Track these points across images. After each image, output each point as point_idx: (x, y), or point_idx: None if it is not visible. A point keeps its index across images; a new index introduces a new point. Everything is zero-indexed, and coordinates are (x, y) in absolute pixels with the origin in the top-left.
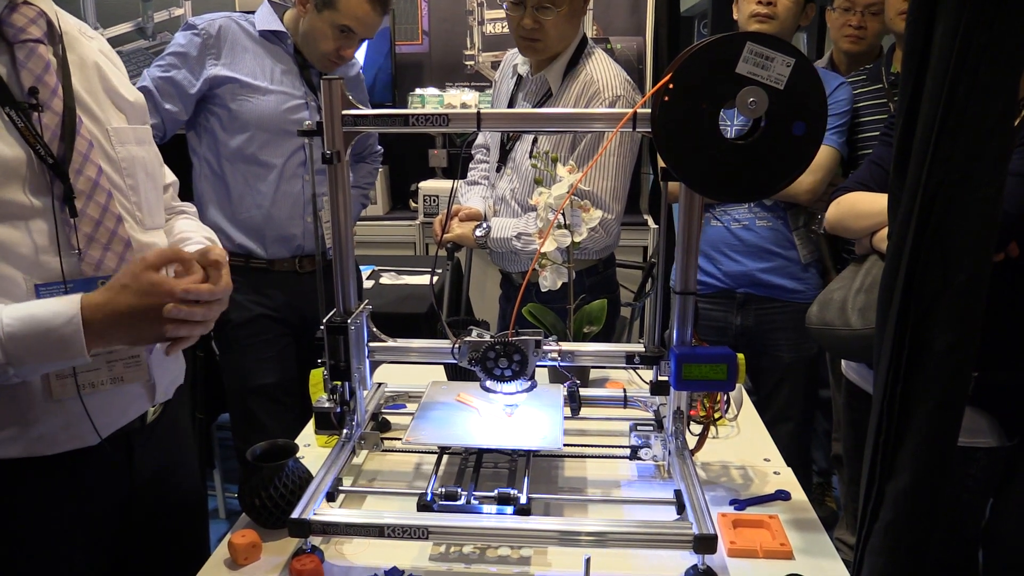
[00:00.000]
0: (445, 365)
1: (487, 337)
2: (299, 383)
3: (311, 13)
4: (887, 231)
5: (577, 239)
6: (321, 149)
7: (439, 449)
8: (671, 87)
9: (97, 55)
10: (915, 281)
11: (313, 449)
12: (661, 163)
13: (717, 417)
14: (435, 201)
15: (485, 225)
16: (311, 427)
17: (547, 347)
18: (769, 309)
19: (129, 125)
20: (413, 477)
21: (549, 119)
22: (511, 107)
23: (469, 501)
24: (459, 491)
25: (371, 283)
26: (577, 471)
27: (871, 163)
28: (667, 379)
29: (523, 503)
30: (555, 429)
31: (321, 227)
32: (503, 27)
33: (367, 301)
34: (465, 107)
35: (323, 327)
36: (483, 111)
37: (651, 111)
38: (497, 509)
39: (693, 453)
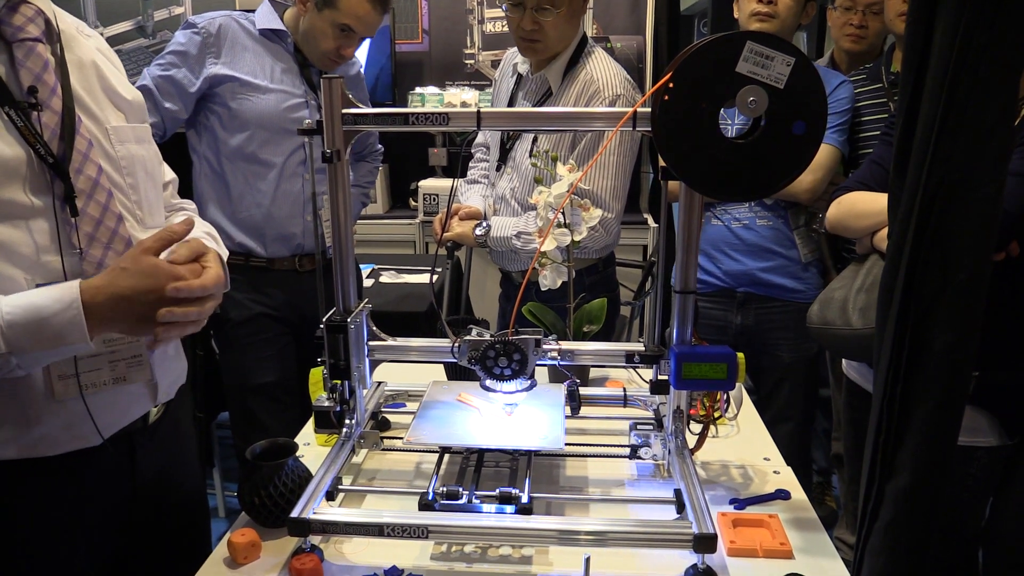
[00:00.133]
0: (445, 364)
1: (487, 336)
2: (299, 382)
3: (311, 12)
4: (887, 230)
5: (577, 238)
6: (321, 148)
7: (440, 449)
8: (671, 86)
9: (95, 54)
10: (915, 281)
11: (313, 448)
12: (661, 162)
13: (717, 416)
14: (435, 200)
15: (485, 224)
16: (311, 426)
17: (547, 346)
18: (769, 308)
19: (128, 124)
20: (413, 476)
21: (549, 118)
22: (511, 106)
23: (470, 500)
24: (460, 490)
25: (371, 282)
26: (578, 470)
27: (871, 162)
28: (667, 378)
29: (525, 502)
30: (556, 429)
31: (321, 226)
32: (503, 26)
33: (367, 300)
34: (465, 106)
35: (323, 326)
36: (483, 110)
37: (651, 110)
38: (498, 508)
39: (693, 452)
